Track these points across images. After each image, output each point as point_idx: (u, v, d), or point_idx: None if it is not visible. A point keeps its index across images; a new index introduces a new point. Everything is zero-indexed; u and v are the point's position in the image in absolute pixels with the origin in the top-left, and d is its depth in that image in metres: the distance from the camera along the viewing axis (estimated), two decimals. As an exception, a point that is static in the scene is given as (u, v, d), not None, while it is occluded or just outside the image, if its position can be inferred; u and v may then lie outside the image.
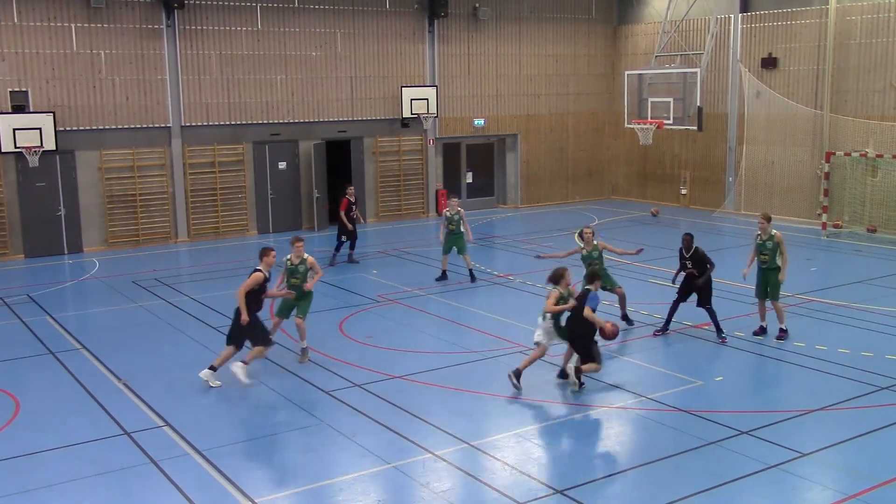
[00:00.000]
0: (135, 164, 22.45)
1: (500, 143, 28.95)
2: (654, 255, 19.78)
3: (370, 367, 12.52)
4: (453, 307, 15.99)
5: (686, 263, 13.75)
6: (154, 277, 18.85)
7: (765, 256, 13.59)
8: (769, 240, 13.60)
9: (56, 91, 21.33)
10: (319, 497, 8.72)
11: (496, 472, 9.18)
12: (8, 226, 21.08)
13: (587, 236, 14.22)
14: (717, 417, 10.43)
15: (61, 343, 14.05)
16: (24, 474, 9.22)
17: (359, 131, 25.67)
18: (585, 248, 14.19)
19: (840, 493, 8.55)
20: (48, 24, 21.09)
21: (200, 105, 23.17)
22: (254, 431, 10.32)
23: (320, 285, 17.77)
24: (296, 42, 24.24)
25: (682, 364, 12.68)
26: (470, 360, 12.84)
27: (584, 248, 14.23)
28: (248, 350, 12.00)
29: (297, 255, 12.92)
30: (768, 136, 25.32)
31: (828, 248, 20.92)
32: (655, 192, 29.21)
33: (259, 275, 11.79)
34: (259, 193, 24.26)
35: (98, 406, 11.18)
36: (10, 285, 18.32)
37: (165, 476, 9.10)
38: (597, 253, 14.15)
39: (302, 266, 12.91)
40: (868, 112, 22.98)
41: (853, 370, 12.09)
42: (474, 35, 27.31)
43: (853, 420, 10.46)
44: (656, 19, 27.70)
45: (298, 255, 12.92)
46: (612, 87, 29.92)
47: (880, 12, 22.63)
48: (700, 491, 8.58)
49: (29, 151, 20.35)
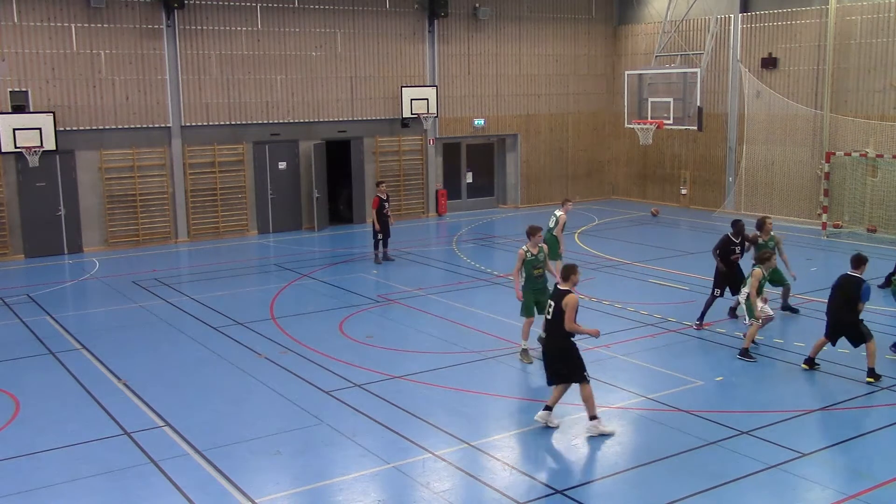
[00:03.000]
0: (135, 164, 22.45)
1: (500, 143, 28.95)
2: (653, 255, 19.80)
3: (370, 367, 12.52)
4: (453, 307, 15.99)
5: (735, 249, 14.03)
6: (154, 277, 18.85)
7: None
8: (770, 240, 14.20)
9: (56, 91, 21.33)
10: (319, 497, 8.72)
11: (496, 472, 9.18)
12: (8, 226, 21.08)
13: (768, 226, 14.54)
14: (717, 417, 10.43)
15: (61, 343, 14.05)
16: (24, 474, 9.22)
17: (359, 131, 25.67)
18: (762, 237, 14.47)
19: (840, 493, 8.55)
20: (48, 24, 21.09)
21: (200, 105, 23.17)
22: (254, 431, 10.32)
23: (320, 285, 17.84)
24: (296, 42, 24.24)
25: (682, 364, 12.68)
26: (470, 360, 12.84)
27: (761, 237, 14.50)
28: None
29: (535, 244, 12.57)
30: (768, 136, 25.32)
31: (828, 248, 20.92)
32: (655, 192, 29.21)
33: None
34: (259, 193, 24.26)
35: (98, 406, 11.18)
36: (10, 285, 18.32)
37: (165, 476, 9.10)
38: (773, 243, 14.39)
39: (541, 254, 12.65)
40: (868, 112, 22.98)
41: (853, 370, 12.09)
42: (474, 35, 27.31)
43: (853, 420, 10.47)
44: (656, 19, 27.71)
45: (536, 244, 12.59)
46: (612, 87, 29.92)
47: (880, 12, 22.63)
48: (700, 491, 8.58)
49: (29, 151, 20.35)
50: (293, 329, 14.59)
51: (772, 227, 14.66)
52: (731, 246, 14.08)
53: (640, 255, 20.24)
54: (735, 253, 14.08)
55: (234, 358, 13.11)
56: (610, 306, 15.71)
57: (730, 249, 14.07)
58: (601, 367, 12.34)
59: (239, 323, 15.01)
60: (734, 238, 14.12)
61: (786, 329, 14.11)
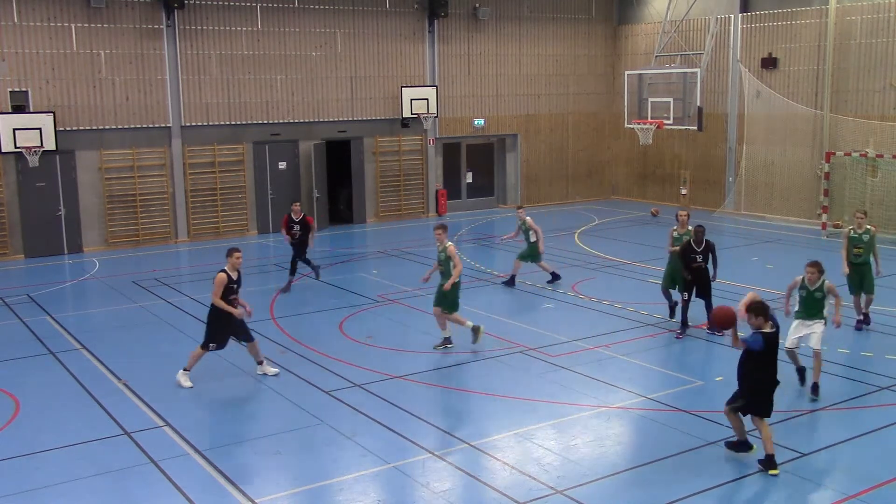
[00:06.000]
0: (135, 164, 22.45)
1: (500, 143, 28.95)
2: (653, 256, 19.79)
3: (370, 367, 12.52)
4: (453, 307, 15.98)
5: (696, 257, 13.78)
6: (154, 277, 18.85)
7: (859, 250, 13.77)
8: (865, 233, 13.82)
9: (56, 91, 21.33)
10: (319, 497, 8.72)
11: (496, 472, 9.18)
12: (8, 226, 21.08)
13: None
14: (717, 417, 10.42)
15: (61, 343, 14.05)
16: (24, 474, 9.21)
17: (359, 131, 25.67)
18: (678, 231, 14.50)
19: (840, 493, 8.55)
20: (48, 24, 21.10)
21: (200, 105, 23.17)
22: (254, 431, 10.32)
23: (320, 285, 17.84)
24: (296, 42, 24.24)
25: (682, 364, 12.69)
26: (470, 360, 12.83)
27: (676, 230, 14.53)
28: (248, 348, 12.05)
29: (439, 241, 12.99)
30: (768, 136, 25.32)
31: (828, 248, 20.90)
32: (655, 192, 29.21)
33: (222, 275, 11.54)
34: (259, 193, 24.26)
35: (98, 406, 11.17)
36: (10, 285, 18.32)
37: (165, 476, 9.10)
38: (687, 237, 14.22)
39: (443, 254, 12.94)
40: (868, 112, 22.98)
41: (853, 370, 12.10)
42: (474, 35, 27.31)
43: (853, 420, 10.47)
44: (656, 19, 27.70)
45: (440, 241, 12.98)
46: (612, 87, 29.92)
47: (880, 12, 22.63)
48: (700, 491, 8.58)
49: (29, 151, 20.35)
50: (293, 329, 14.59)
51: (686, 220, 14.47)
52: (691, 253, 13.79)
53: (641, 255, 20.25)
54: (696, 261, 13.74)
55: (234, 358, 13.11)
56: (610, 306, 15.72)
57: (690, 257, 13.78)
58: (601, 367, 12.36)
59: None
60: (695, 246, 13.81)
61: (786, 329, 14.06)
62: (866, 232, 13.81)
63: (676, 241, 14.39)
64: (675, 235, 14.49)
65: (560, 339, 13.73)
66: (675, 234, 14.51)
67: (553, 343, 13.52)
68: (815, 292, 11.28)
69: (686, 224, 14.45)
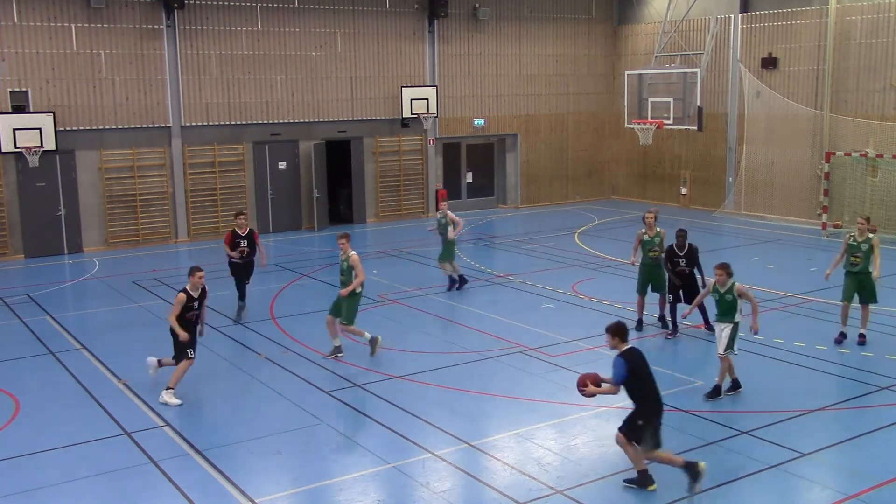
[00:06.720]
0: (135, 164, 22.45)
1: (500, 143, 28.95)
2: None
3: (370, 367, 12.52)
4: (453, 307, 15.99)
5: (679, 261, 13.69)
6: (154, 277, 18.85)
7: (857, 259, 13.17)
8: (865, 241, 13.14)
9: (56, 91, 21.33)
10: (319, 497, 8.72)
11: (496, 472, 9.18)
12: (8, 226, 21.08)
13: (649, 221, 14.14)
14: (717, 417, 10.43)
15: (61, 343, 14.05)
16: (24, 474, 9.22)
17: (359, 131, 25.66)
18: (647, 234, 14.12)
19: (840, 493, 8.55)
20: (48, 24, 21.09)
21: (200, 105, 23.17)
22: (254, 431, 10.32)
23: (320, 285, 17.83)
24: (296, 42, 24.24)
25: (682, 364, 12.68)
26: (470, 360, 12.83)
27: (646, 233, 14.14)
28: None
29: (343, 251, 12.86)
30: (768, 136, 25.32)
31: (828, 248, 20.89)
32: (655, 192, 29.20)
33: (182, 295, 11.34)
34: (259, 193, 24.26)
35: (98, 406, 11.18)
36: (10, 285, 18.32)
37: (165, 476, 9.10)
38: (658, 239, 14.06)
39: (345, 263, 12.84)
40: (868, 112, 22.98)
41: (853, 370, 12.10)
42: (474, 35, 27.31)
43: (853, 420, 10.47)
44: (656, 19, 27.70)
45: (344, 251, 12.85)
46: (612, 87, 29.92)
47: (880, 12, 22.63)
48: (700, 491, 8.57)
49: (29, 151, 20.35)
50: (293, 329, 14.59)
51: (653, 221, 14.06)
52: (674, 258, 13.71)
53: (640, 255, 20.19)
54: (680, 265, 13.64)
55: (234, 358, 13.12)
56: (610, 306, 15.72)
57: (674, 262, 13.70)
58: (601, 367, 12.32)
59: (239, 323, 15.01)
60: (678, 250, 13.70)
61: (786, 329, 14.09)
62: (866, 241, 13.19)
63: (647, 245, 14.04)
64: (646, 239, 14.09)
65: (560, 339, 13.74)
66: (645, 238, 14.11)
67: (553, 343, 13.52)
68: (725, 295, 11.09)
69: (654, 226, 14.09)
